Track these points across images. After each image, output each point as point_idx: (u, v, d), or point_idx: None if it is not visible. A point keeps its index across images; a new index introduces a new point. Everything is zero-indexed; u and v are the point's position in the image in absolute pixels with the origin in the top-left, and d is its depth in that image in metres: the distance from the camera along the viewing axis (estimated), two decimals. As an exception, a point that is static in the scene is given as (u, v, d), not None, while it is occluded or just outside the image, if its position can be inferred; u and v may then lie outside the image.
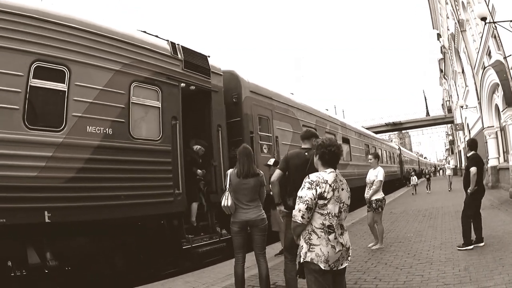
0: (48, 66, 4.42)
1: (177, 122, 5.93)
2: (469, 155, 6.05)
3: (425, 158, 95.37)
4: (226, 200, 3.88)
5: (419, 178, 26.64)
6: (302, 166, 3.65)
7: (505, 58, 11.51)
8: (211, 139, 6.77)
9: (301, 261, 2.54)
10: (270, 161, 6.31)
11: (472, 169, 5.60)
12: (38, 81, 4.31)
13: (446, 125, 54.27)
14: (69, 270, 4.81)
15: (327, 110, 14.10)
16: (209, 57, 6.91)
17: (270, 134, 8.40)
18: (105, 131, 4.87)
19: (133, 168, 5.16)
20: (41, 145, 4.24)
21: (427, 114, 52.16)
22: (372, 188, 6.25)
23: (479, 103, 17.63)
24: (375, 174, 6.27)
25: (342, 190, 2.56)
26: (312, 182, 2.49)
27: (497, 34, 12.10)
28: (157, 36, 6.13)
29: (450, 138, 54.98)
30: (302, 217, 2.46)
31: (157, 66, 5.73)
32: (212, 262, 6.10)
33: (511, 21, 9.49)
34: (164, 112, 5.76)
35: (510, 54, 10.92)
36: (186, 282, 5.00)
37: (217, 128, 6.84)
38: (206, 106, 6.84)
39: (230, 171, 4.06)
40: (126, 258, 5.43)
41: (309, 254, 2.46)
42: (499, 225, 7.12)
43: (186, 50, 6.37)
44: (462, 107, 22.56)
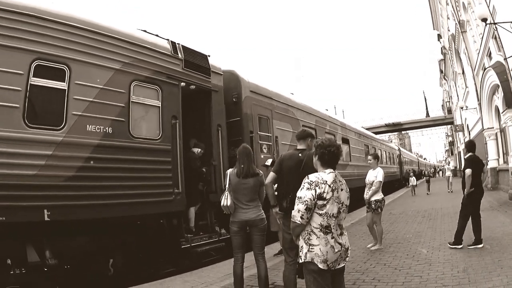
0: (48, 65, 4.42)
1: (177, 122, 5.93)
2: (466, 157, 6.11)
3: (424, 159, 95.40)
4: (226, 199, 3.88)
5: (418, 179, 26.55)
6: (296, 167, 3.58)
7: (505, 59, 11.50)
8: (211, 139, 6.78)
9: (300, 261, 2.55)
10: (268, 161, 6.30)
11: (466, 171, 5.72)
12: (38, 79, 4.31)
13: (446, 126, 54.32)
14: (68, 269, 4.81)
15: (327, 110, 14.10)
16: (209, 56, 6.91)
17: (269, 134, 8.41)
18: (105, 130, 4.88)
19: (132, 167, 5.16)
20: (41, 143, 4.25)
21: (427, 115, 52.11)
22: (371, 188, 6.25)
23: (479, 104, 17.65)
24: (375, 175, 6.28)
25: (342, 190, 2.56)
26: (311, 183, 2.49)
27: (497, 35, 12.11)
28: (157, 35, 6.13)
29: (450, 139, 55.04)
30: (302, 217, 2.46)
31: (157, 65, 5.73)
32: (211, 262, 6.11)
33: (512, 22, 9.50)
34: (164, 111, 5.76)
35: (511, 55, 10.91)
36: (185, 282, 5.00)
37: (217, 127, 6.84)
38: (206, 106, 6.84)
39: (229, 171, 4.07)
40: (126, 257, 5.43)
41: (308, 254, 2.46)
42: (498, 226, 7.13)
43: (186, 50, 6.36)
44: (462, 108, 22.58)
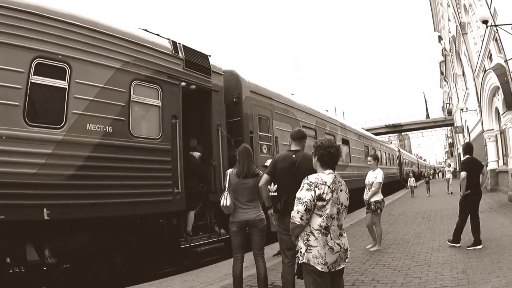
0: (49, 63, 4.42)
1: (177, 121, 5.92)
2: (462, 160, 6.23)
3: (424, 160, 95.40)
4: (225, 200, 3.88)
5: (418, 181, 26.50)
6: (289, 169, 3.53)
7: (506, 61, 11.50)
8: (211, 139, 6.78)
9: (299, 262, 2.55)
10: (267, 162, 6.26)
11: (461, 173, 5.86)
12: (38, 77, 4.31)
13: (446, 127, 54.34)
14: (67, 268, 4.80)
15: (327, 111, 14.11)
16: (210, 56, 6.91)
17: (269, 135, 8.41)
18: (105, 129, 4.88)
19: (132, 166, 5.16)
20: (41, 142, 4.24)
21: (427, 116, 52.17)
22: (371, 189, 6.25)
23: (479, 106, 17.65)
24: (374, 176, 6.28)
25: (341, 191, 2.56)
26: (311, 184, 2.49)
27: (498, 37, 12.12)
28: (158, 34, 6.12)
29: (450, 140, 55.02)
30: (301, 218, 2.45)
31: (158, 65, 5.73)
32: (210, 262, 6.10)
33: (513, 24, 9.50)
34: (164, 111, 5.76)
35: (511, 58, 10.91)
36: (184, 281, 5.00)
37: (217, 127, 6.84)
38: (207, 106, 6.84)
39: (229, 171, 4.07)
40: (125, 257, 5.43)
41: (307, 255, 2.46)
42: (497, 228, 7.14)
43: (187, 49, 6.36)
44: (462, 110, 22.58)
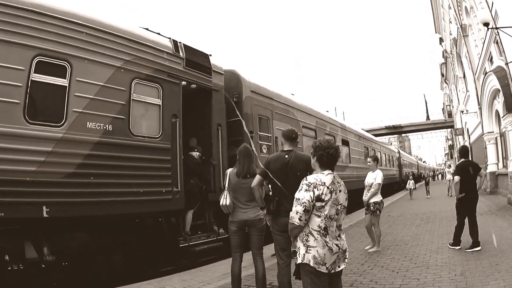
0: (49, 61, 4.42)
1: (177, 120, 5.93)
2: (457, 163, 6.32)
3: (424, 162, 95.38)
4: (225, 199, 3.89)
5: (417, 183, 26.46)
6: (281, 169, 3.51)
7: (506, 64, 11.51)
8: (211, 138, 6.78)
9: (297, 262, 2.55)
10: None
11: (455, 177, 5.96)
12: (39, 75, 4.31)
13: (446, 129, 54.35)
14: (66, 266, 4.81)
15: (328, 111, 14.10)
16: (210, 56, 6.91)
17: (269, 135, 8.41)
18: (105, 128, 4.88)
19: (132, 165, 5.16)
20: (41, 139, 4.24)
21: (427, 118, 52.24)
22: (370, 190, 6.26)
23: (480, 109, 17.64)
24: (374, 177, 6.28)
25: (340, 192, 2.56)
26: (309, 184, 2.48)
27: (499, 40, 12.11)
28: (159, 33, 6.13)
29: (450, 142, 55.08)
30: (300, 219, 2.45)
31: (158, 64, 5.73)
32: (209, 261, 6.11)
33: (514, 27, 9.50)
34: (164, 109, 5.76)
35: (512, 60, 10.93)
36: (183, 280, 5.00)
37: (217, 127, 6.84)
38: (207, 105, 6.84)
39: (229, 171, 4.07)
40: (124, 255, 5.43)
41: (306, 255, 2.46)
42: (496, 230, 7.11)
43: (188, 49, 6.36)
44: (462, 112, 22.59)
